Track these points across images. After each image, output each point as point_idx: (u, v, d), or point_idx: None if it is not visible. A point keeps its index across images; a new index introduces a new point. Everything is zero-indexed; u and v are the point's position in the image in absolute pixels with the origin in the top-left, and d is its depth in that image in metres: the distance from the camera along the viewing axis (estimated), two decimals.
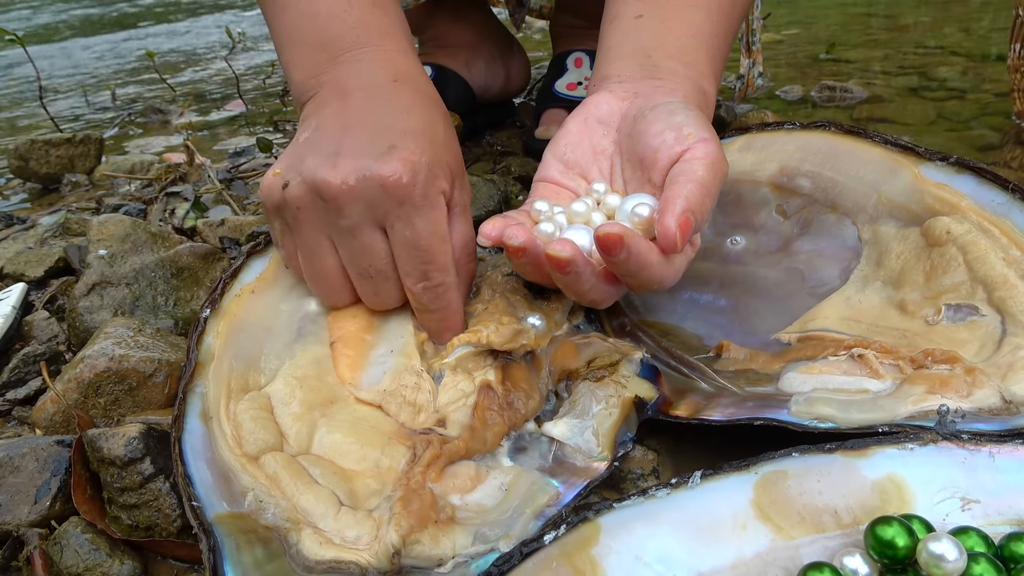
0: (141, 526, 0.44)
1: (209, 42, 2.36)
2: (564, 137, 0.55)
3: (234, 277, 0.52)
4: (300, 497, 0.41)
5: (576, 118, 0.55)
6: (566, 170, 0.54)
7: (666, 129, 0.48)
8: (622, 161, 0.53)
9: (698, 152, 0.46)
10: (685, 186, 0.45)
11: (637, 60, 0.55)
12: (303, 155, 0.49)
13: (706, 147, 0.47)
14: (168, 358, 0.54)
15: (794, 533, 0.36)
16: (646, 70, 0.54)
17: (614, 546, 0.35)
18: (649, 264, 0.44)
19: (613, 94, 0.54)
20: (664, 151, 0.48)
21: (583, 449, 0.47)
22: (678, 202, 0.44)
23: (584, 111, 0.55)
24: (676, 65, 0.54)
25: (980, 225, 0.50)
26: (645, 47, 0.55)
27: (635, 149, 0.51)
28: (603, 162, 0.54)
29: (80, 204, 0.99)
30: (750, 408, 0.46)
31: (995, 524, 0.35)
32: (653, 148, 0.48)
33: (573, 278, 0.45)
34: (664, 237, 0.43)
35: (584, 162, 0.54)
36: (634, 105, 0.52)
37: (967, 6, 1.70)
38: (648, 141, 0.49)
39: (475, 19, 1.03)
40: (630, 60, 0.55)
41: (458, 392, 0.48)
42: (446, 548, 0.40)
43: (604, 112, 0.54)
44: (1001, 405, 0.41)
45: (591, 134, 0.54)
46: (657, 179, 0.48)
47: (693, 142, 0.47)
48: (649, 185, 0.49)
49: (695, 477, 0.38)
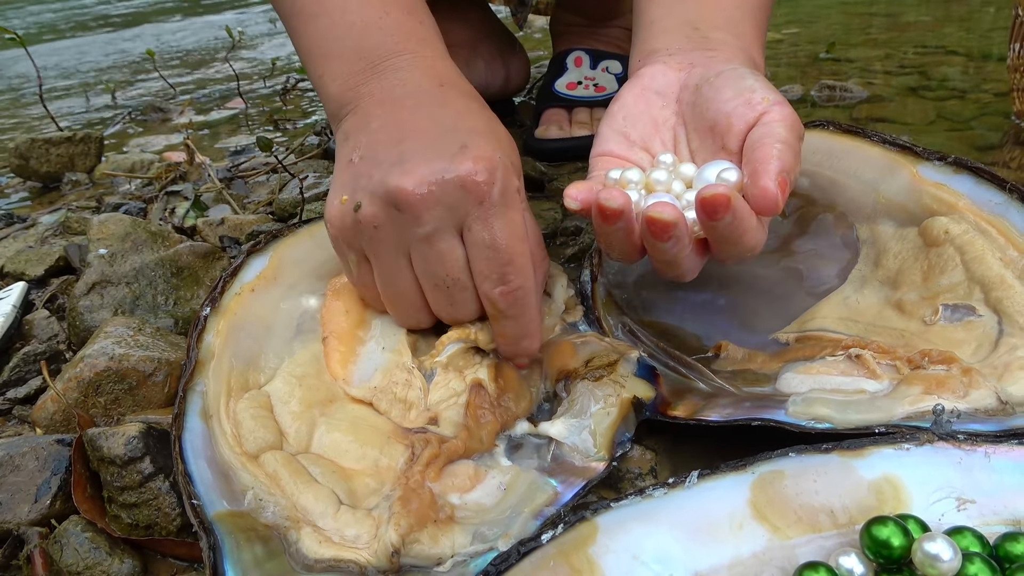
0: (141, 525, 0.44)
1: (209, 41, 2.36)
2: (621, 111, 0.52)
3: (234, 276, 0.52)
4: (300, 496, 0.41)
5: (631, 90, 0.52)
6: (627, 143, 0.51)
7: (736, 95, 0.47)
8: (687, 131, 0.50)
9: (775, 115, 0.45)
10: (773, 147, 0.43)
11: (684, 32, 0.53)
12: (365, 173, 0.46)
13: (783, 109, 0.45)
14: (168, 357, 0.54)
15: (790, 533, 0.36)
16: (695, 42, 0.52)
17: (611, 546, 0.35)
18: (750, 228, 0.43)
19: (667, 65, 0.52)
20: (739, 116, 0.46)
21: (581, 449, 0.47)
22: (772, 162, 0.42)
23: (638, 83, 0.52)
24: (725, 36, 0.53)
25: (978, 225, 0.50)
26: (691, 19, 0.53)
27: (704, 116, 0.48)
28: (665, 133, 0.51)
29: (80, 203, 0.99)
30: (748, 408, 0.46)
31: (991, 524, 0.35)
32: (726, 114, 0.47)
33: (672, 244, 0.43)
34: (764, 198, 0.42)
35: (646, 134, 0.51)
36: (692, 75, 0.50)
37: (968, 5, 1.70)
38: (720, 107, 0.47)
39: (474, 17, 1.03)
40: (676, 33, 0.53)
41: (449, 390, 0.49)
42: (445, 547, 0.41)
43: (661, 83, 0.52)
44: (997, 406, 0.41)
45: (649, 105, 0.52)
46: (733, 145, 0.46)
47: (768, 105, 0.46)
48: (724, 152, 0.47)
49: (692, 477, 0.38)
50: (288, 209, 0.84)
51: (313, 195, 0.86)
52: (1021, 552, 0.33)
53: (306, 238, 0.56)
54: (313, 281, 0.54)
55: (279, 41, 2.21)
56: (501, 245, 0.45)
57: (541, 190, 0.88)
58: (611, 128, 0.52)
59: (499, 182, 0.44)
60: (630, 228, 0.44)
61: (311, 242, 0.56)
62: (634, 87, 0.52)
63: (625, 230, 0.44)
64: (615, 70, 0.96)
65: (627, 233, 0.44)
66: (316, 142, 1.09)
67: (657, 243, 0.43)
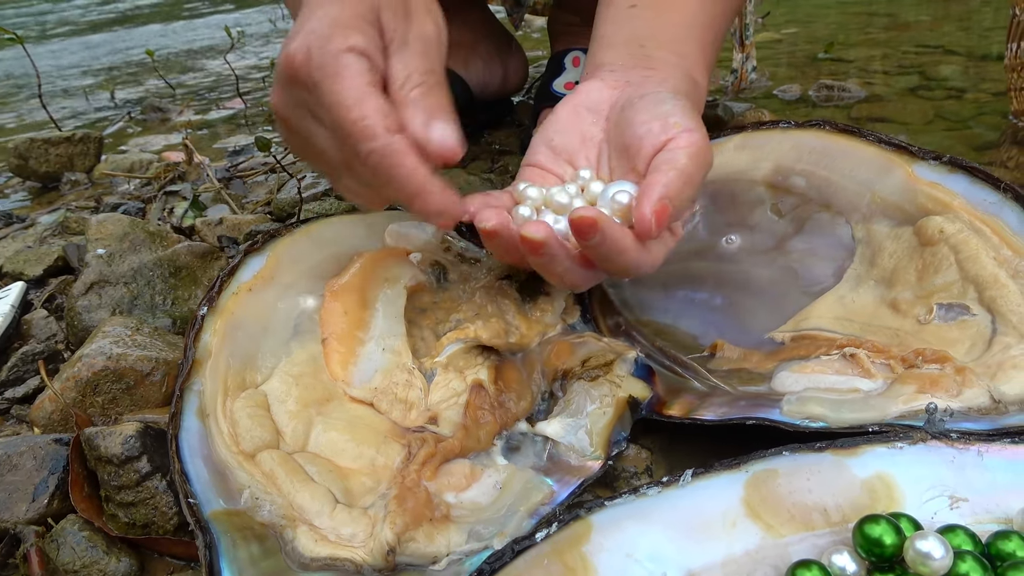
0: (138, 524, 0.45)
1: (209, 41, 2.37)
2: (553, 124, 0.55)
3: (231, 275, 0.52)
4: (296, 494, 0.42)
5: (566, 105, 0.55)
6: (554, 156, 0.54)
7: (652, 119, 0.48)
8: (609, 149, 0.53)
9: (682, 142, 0.46)
10: (666, 174, 0.45)
11: (629, 49, 0.55)
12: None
13: (690, 137, 0.47)
14: (166, 357, 0.54)
15: (783, 531, 0.36)
16: (638, 59, 0.54)
17: (605, 544, 0.35)
18: (625, 249, 0.44)
19: (604, 82, 0.54)
20: (648, 140, 0.48)
21: (577, 448, 0.47)
22: (656, 189, 0.44)
23: (575, 99, 0.55)
24: (668, 55, 0.54)
25: (972, 224, 0.50)
26: (638, 36, 0.55)
27: (622, 137, 0.51)
28: (591, 149, 0.54)
29: (79, 203, 1.00)
30: (742, 407, 0.46)
31: (983, 522, 0.35)
32: (638, 137, 0.49)
33: (547, 260, 0.45)
34: (640, 223, 0.44)
35: (572, 148, 0.54)
36: (624, 94, 0.53)
37: (967, 5, 1.69)
38: (634, 130, 0.49)
39: (473, 18, 1.03)
40: (622, 49, 0.55)
41: (450, 391, 0.49)
42: (440, 546, 0.41)
43: (594, 100, 0.54)
44: (990, 404, 0.41)
45: (580, 121, 0.54)
46: (641, 167, 0.48)
47: (678, 132, 0.47)
48: (633, 174, 0.49)
49: (686, 476, 0.38)
50: (286, 209, 0.85)
51: (311, 195, 0.86)
52: (1012, 550, 0.33)
53: (303, 238, 0.56)
54: (310, 281, 0.54)
55: (279, 42, 2.21)
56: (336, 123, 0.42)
57: None
58: (541, 140, 0.55)
59: (315, 57, 0.42)
60: (511, 243, 0.46)
61: (308, 242, 0.56)
62: (570, 102, 0.55)
63: (506, 246, 0.47)
64: None
65: (509, 248, 0.47)
66: None
67: (534, 258, 0.45)
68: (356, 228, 0.58)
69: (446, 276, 0.57)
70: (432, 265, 0.57)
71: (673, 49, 0.55)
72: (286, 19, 2.57)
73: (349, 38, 0.42)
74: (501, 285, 0.55)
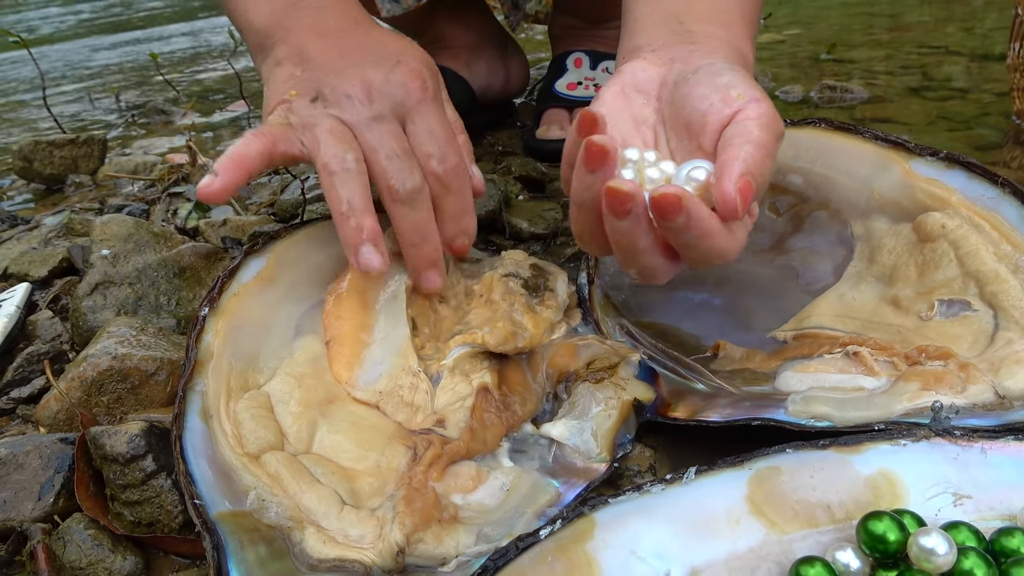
0: (143, 522, 0.45)
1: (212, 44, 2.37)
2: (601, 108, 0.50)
3: (232, 276, 0.52)
4: (302, 496, 0.42)
5: (611, 88, 0.51)
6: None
7: (712, 92, 0.45)
8: (666, 130, 0.49)
9: (751, 112, 0.43)
10: (742, 147, 0.41)
11: (668, 26, 0.52)
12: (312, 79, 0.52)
13: (759, 107, 0.44)
14: (170, 357, 0.54)
15: (787, 528, 0.36)
16: (678, 36, 0.51)
17: (609, 541, 0.36)
18: (711, 232, 0.40)
19: (648, 61, 0.51)
20: (713, 115, 0.45)
21: (582, 450, 0.47)
22: (736, 164, 0.40)
23: (619, 80, 0.51)
24: (710, 28, 0.51)
25: (971, 220, 0.50)
26: (675, 13, 0.52)
27: (680, 115, 0.47)
28: (646, 132, 0.49)
29: (83, 204, 1.00)
30: (747, 408, 0.46)
31: (987, 519, 0.36)
32: (700, 112, 0.45)
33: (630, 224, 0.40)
34: (724, 202, 0.40)
35: (626, 133, 0.49)
36: (672, 71, 0.49)
37: (969, 5, 1.69)
38: (694, 105, 0.46)
39: (476, 21, 1.04)
40: (660, 27, 0.52)
41: (456, 394, 0.49)
42: (449, 547, 0.41)
43: (640, 80, 0.50)
44: (995, 400, 0.41)
45: (630, 104, 0.50)
46: (708, 144, 0.45)
47: (744, 102, 0.44)
48: (700, 152, 0.45)
49: (690, 473, 0.38)
50: (290, 210, 0.85)
51: (315, 196, 0.86)
52: (1016, 547, 0.33)
53: (304, 240, 0.56)
54: (311, 282, 0.54)
55: None
56: (439, 131, 0.52)
57: (542, 190, 0.88)
58: None
59: (431, 86, 0.53)
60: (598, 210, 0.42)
61: (309, 244, 0.56)
62: (615, 85, 0.51)
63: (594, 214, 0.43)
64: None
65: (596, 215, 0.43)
66: None
67: (615, 221, 0.41)
68: None
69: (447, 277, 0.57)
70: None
71: (714, 22, 0.52)
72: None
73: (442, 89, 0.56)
74: (506, 282, 0.55)
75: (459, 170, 0.53)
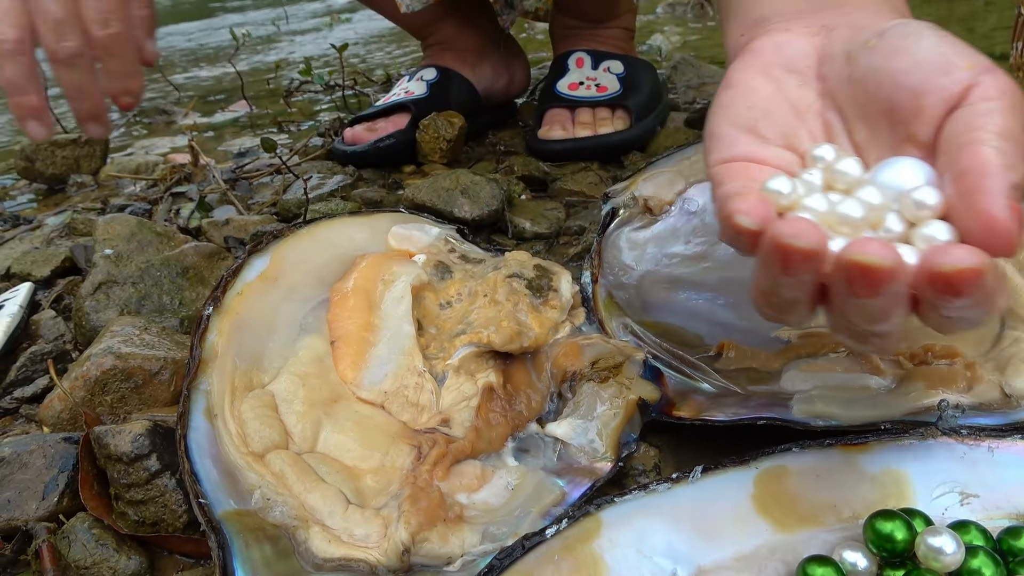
0: (147, 521, 0.45)
1: (213, 43, 2.37)
2: (742, 98, 0.39)
3: (236, 275, 0.52)
4: (307, 495, 0.42)
5: (749, 70, 0.40)
6: (760, 141, 0.38)
7: (923, 61, 0.34)
8: (844, 117, 0.38)
9: (988, 90, 0.32)
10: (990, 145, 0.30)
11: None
12: None
13: (996, 80, 0.33)
14: (173, 356, 0.54)
15: (794, 527, 0.36)
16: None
17: (616, 539, 0.36)
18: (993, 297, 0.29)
19: (792, 32, 0.40)
20: (932, 94, 0.33)
21: (587, 449, 0.47)
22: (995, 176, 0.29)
23: (757, 59, 0.40)
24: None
25: None
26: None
27: (874, 96, 0.36)
28: (812, 122, 0.39)
29: (86, 204, 1.00)
30: (753, 407, 0.46)
31: (994, 518, 0.36)
32: (911, 90, 0.34)
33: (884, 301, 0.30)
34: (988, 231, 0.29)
35: (786, 126, 0.38)
36: (833, 39, 0.38)
37: (971, 5, 1.69)
38: (899, 80, 0.35)
39: (482, 25, 1.05)
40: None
41: (461, 394, 0.49)
42: (455, 546, 0.41)
43: (790, 56, 0.39)
44: (1001, 399, 0.41)
45: (782, 87, 0.39)
46: (926, 135, 0.34)
47: (975, 75, 0.33)
48: (911, 146, 0.34)
49: (696, 472, 0.38)
50: (292, 210, 0.85)
51: (317, 195, 0.86)
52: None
53: (307, 239, 0.56)
54: (315, 281, 0.54)
55: (283, 44, 2.22)
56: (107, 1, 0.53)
57: (544, 190, 0.88)
58: (732, 123, 0.39)
59: None
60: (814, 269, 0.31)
61: (312, 243, 0.56)
62: (752, 65, 0.40)
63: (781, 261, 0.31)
64: (616, 70, 0.97)
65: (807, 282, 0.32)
66: (320, 143, 1.09)
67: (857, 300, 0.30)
68: (359, 229, 0.58)
69: (451, 277, 0.57)
70: (436, 266, 0.57)
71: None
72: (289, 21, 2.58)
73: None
74: (510, 282, 0.55)
75: (121, 37, 0.55)
